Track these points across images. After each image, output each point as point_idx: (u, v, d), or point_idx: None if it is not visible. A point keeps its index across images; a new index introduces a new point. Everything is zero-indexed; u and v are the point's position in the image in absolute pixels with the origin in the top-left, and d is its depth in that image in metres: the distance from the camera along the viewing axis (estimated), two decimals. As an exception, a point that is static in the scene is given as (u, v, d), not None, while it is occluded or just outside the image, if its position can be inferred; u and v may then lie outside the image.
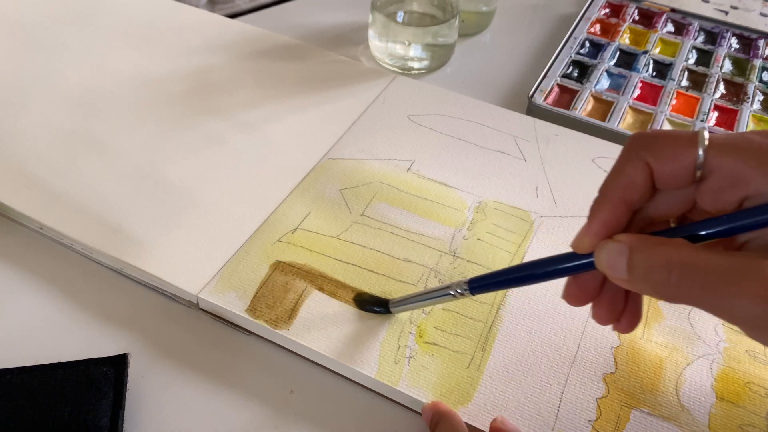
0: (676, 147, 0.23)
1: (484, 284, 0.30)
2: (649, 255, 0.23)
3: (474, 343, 0.34)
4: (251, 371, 0.34)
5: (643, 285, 0.23)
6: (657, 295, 0.23)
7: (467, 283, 0.30)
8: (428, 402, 0.31)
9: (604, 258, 0.24)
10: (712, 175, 0.23)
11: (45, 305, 0.36)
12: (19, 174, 0.41)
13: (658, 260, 0.22)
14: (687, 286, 0.22)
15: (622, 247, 0.23)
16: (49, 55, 0.51)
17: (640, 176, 0.24)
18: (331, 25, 0.60)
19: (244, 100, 0.48)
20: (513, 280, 0.29)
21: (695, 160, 0.23)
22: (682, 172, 0.24)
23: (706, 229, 0.23)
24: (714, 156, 0.23)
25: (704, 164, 0.23)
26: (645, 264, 0.23)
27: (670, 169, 0.24)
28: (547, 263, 0.27)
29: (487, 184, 0.43)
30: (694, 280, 0.21)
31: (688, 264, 0.22)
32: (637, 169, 0.24)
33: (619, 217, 0.25)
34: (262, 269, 0.36)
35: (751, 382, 0.33)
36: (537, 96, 0.51)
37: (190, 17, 0.56)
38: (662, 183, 0.24)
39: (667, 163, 0.24)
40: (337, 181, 0.42)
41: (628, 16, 0.62)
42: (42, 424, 0.29)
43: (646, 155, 0.24)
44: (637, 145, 0.25)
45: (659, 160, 0.24)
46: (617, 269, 0.23)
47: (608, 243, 0.24)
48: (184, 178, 0.42)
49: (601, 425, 0.31)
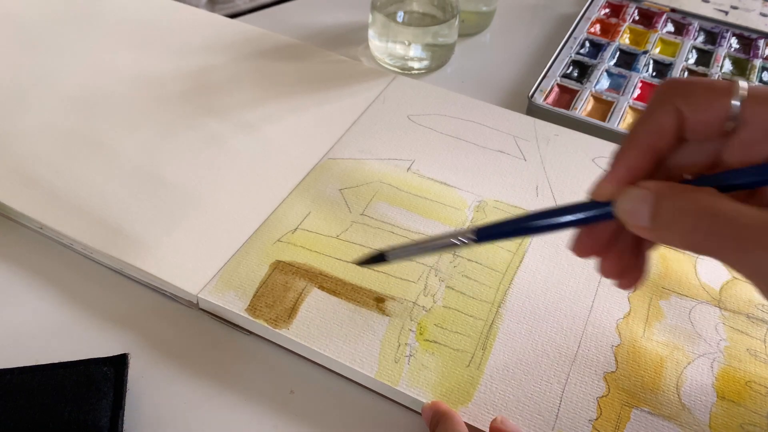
0: (711, 95, 0.23)
1: (494, 232, 0.27)
2: (679, 201, 0.22)
3: (474, 341, 0.34)
4: (251, 371, 0.34)
5: (667, 233, 0.22)
6: (683, 242, 0.22)
7: (474, 231, 0.27)
8: (428, 402, 0.31)
9: (627, 204, 0.23)
10: (745, 126, 0.22)
11: (45, 305, 0.36)
12: (19, 174, 0.41)
13: (687, 205, 0.21)
14: (716, 233, 0.21)
15: (647, 194, 0.23)
16: (49, 55, 0.51)
17: (670, 123, 0.23)
18: (331, 25, 0.60)
19: (244, 100, 0.48)
20: (524, 229, 0.27)
21: (729, 109, 0.22)
22: (716, 121, 0.23)
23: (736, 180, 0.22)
24: (751, 106, 0.22)
25: (738, 115, 0.22)
26: (673, 210, 0.22)
27: (703, 117, 0.23)
28: (563, 211, 0.26)
29: (487, 184, 0.43)
30: (724, 228, 0.20)
31: (719, 210, 0.21)
32: (668, 116, 0.23)
33: (645, 164, 0.24)
34: (262, 269, 0.36)
35: (752, 381, 0.33)
36: (537, 96, 0.51)
37: (190, 17, 0.56)
38: (693, 132, 0.23)
39: (700, 111, 0.23)
40: (337, 181, 0.42)
41: (628, 16, 0.62)
42: (42, 424, 0.29)
43: (678, 101, 0.23)
44: (669, 90, 0.24)
45: (693, 107, 0.23)
46: (639, 217, 0.23)
47: (633, 189, 0.23)
48: (184, 178, 0.42)
49: (601, 424, 0.31)
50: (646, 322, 0.36)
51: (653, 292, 0.37)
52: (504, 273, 0.37)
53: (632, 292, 0.37)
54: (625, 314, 0.36)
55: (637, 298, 0.37)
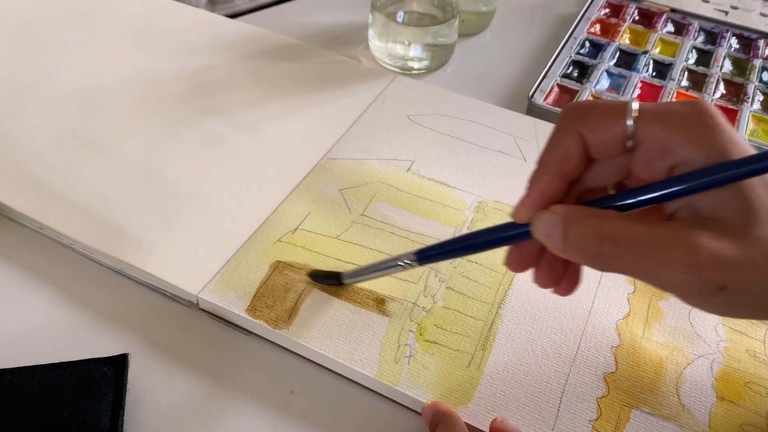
0: (606, 117, 0.24)
1: (431, 254, 0.31)
2: (581, 226, 0.23)
3: (474, 341, 0.34)
4: (251, 371, 0.34)
5: (577, 255, 0.24)
6: (591, 265, 0.24)
7: (415, 254, 0.31)
8: (428, 402, 0.31)
9: (541, 228, 0.25)
10: (642, 144, 0.24)
11: (45, 305, 0.36)
12: (19, 174, 0.41)
13: (590, 231, 0.23)
14: (618, 256, 0.23)
15: (556, 218, 0.24)
16: (49, 55, 0.51)
17: (574, 147, 0.25)
18: (331, 25, 0.60)
19: (244, 100, 0.48)
20: (458, 250, 0.30)
21: (624, 130, 0.24)
22: (614, 142, 0.24)
23: (634, 198, 0.24)
24: (643, 126, 0.23)
25: (634, 134, 0.24)
26: (578, 235, 0.23)
27: (601, 139, 0.24)
28: (489, 233, 0.28)
29: (487, 184, 0.43)
30: (625, 250, 0.22)
31: (618, 235, 0.22)
32: (571, 140, 0.25)
33: (555, 187, 0.25)
34: (262, 269, 0.36)
35: (752, 382, 0.33)
36: (537, 96, 0.51)
37: (190, 17, 0.56)
38: (596, 153, 0.25)
39: (598, 134, 0.24)
40: (337, 181, 0.42)
41: (628, 16, 0.62)
42: (42, 424, 0.29)
43: (578, 126, 0.24)
44: (570, 116, 0.25)
45: (591, 130, 0.24)
46: (553, 239, 0.24)
47: (544, 214, 0.25)
48: (184, 178, 0.42)
49: (601, 425, 0.31)
50: (645, 322, 0.36)
51: (653, 293, 0.37)
52: (504, 274, 0.37)
53: (632, 293, 0.37)
54: (624, 315, 0.36)
55: (637, 299, 0.37)
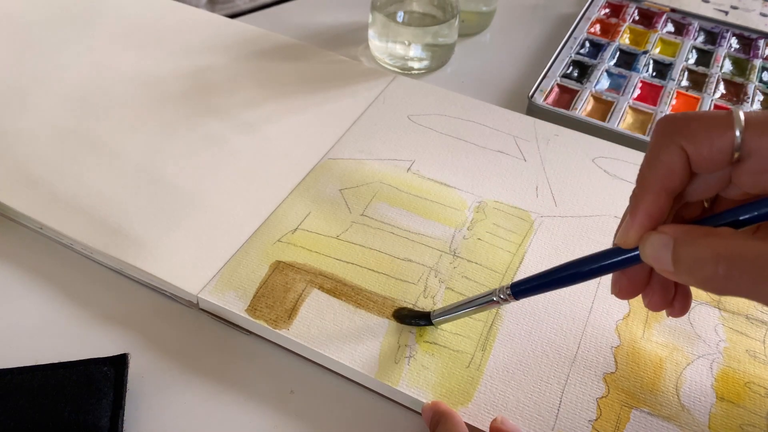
0: (711, 129, 0.23)
1: (528, 287, 0.29)
2: (694, 247, 0.22)
3: (474, 342, 0.34)
4: (251, 371, 0.34)
5: (689, 278, 0.22)
6: (706, 288, 0.22)
7: (509, 287, 0.29)
8: (428, 402, 0.31)
9: (650, 251, 0.23)
10: (751, 156, 0.22)
11: (45, 305, 0.36)
12: (19, 174, 0.41)
13: (704, 253, 0.21)
14: (736, 278, 0.21)
15: (666, 239, 0.23)
16: (49, 55, 0.51)
17: (677, 162, 0.23)
18: (331, 25, 0.60)
19: (244, 100, 0.48)
20: (558, 281, 0.28)
21: (732, 142, 0.22)
22: (720, 155, 0.23)
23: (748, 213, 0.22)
24: (752, 137, 0.22)
25: (742, 146, 0.22)
26: (691, 257, 0.22)
27: (707, 153, 0.23)
28: (593, 260, 0.26)
29: (487, 184, 0.43)
30: (744, 271, 0.21)
31: (736, 255, 0.21)
32: (673, 156, 0.23)
33: (661, 206, 0.24)
34: (262, 269, 0.36)
35: (752, 382, 0.33)
36: (537, 96, 0.51)
37: (190, 17, 0.56)
38: (699, 167, 0.24)
39: (703, 148, 0.23)
40: (337, 181, 0.42)
41: (628, 16, 0.62)
42: (42, 424, 0.29)
43: (680, 140, 0.23)
44: (669, 129, 0.24)
45: (695, 144, 0.23)
46: (663, 262, 0.23)
47: (653, 235, 0.23)
48: (184, 178, 0.42)
49: (601, 425, 0.31)
50: (645, 323, 0.36)
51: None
52: (504, 274, 0.37)
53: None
54: (624, 315, 0.36)
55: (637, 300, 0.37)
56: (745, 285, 0.21)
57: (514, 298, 0.30)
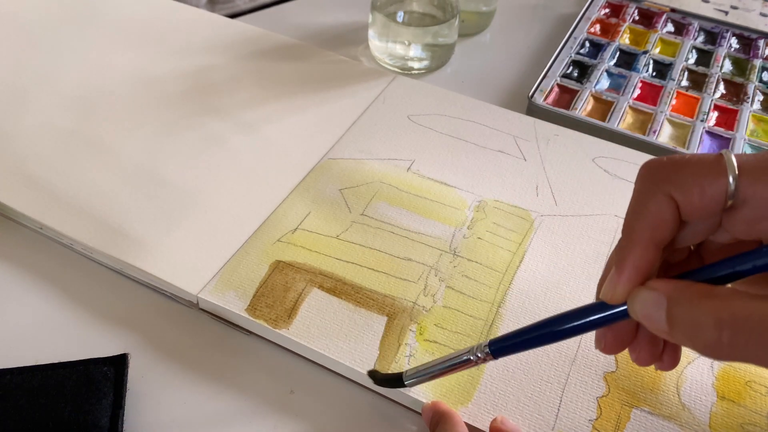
0: (701, 176, 0.21)
1: (506, 345, 0.27)
2: (693, 310, 0.20)
3: (474, 341, 0.34)
4: (251, 371, 0.34)
5: (688, 342, 0.20)
6: (707, 355, 0.20)
7: (487, 345, 0.27)
8: (428, 402, 0.31)
9: (640, 308, 0.22)
10: (746, 204, 0.21)
11: (45, 305, 0.36)
12: (19, 174, 0.41)
13: (704, 318, 0.19)
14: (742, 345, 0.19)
15: (658, 297, 0.21)
16: (49, 55, 0.51)
17: (666, 212, 0.22)
18: (331, 25, 0.60)
19: (244, 100, 0.48)
20: (539, 338, 0.26)
21: (725, 189, 0.21)
22: (712, 203, 0.21)
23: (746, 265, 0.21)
24: (747, 184, 0.21)
25: (736, 194, 0.21)
26: (689, 320, 0.20)
27: (698, 201, 0.21)
28: (577, 316, 0.24)
29: (487, 184, 0.43)
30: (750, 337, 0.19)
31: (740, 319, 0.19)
32: (662, 205, 0.22)
33: (650, 259, 0.22)
34: (262, 269, 0.36)
35: (752, 381, 0.33)
36: (537, 96, 0.51)
37: (190, 17, 0.56)
38: (690, 216, 0.22)
39: (694, 196, 0.21)
40: (337, 181, 0.42)
41: (628, 16, 0.62)
42: (42, 424, 0.29)
43: (668, 188, 0.22)
44: (656, 177, 0.22)
45: (684, 192, 0.21)
46: (656, 321, 0.21)
47: (642, 291, 0.22)
48: (184, 178, 0.42)
49: (601, 424, 0.31)
50: (646, 322, 0.36)
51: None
52: (504, 273, 0.37)
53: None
54: (625, 314, 0.36)
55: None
56: (752, 351, 0.19)
57: (492, 357, 0.27)
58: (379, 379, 0.31)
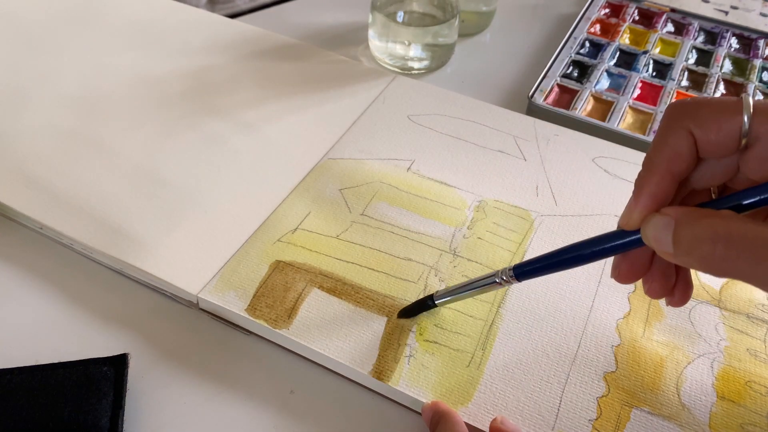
0: (719, 114, 0.23)
1: (531, 269, 0.29)
2: (693, 227, 0.22)
3: (474, 341, 0.34)
4: (251, 371, 0.34)
5: (688, 258, 0.22)
6: (703, 269, 0.22)
7: (512, 269, 0.29)
8: (428, 402, 0.31)
9: (651, 232, 0.24)
10: (758, 142, 0.23)
11: (45, 305, 0.36)
12: (19, 174, 0.41)
13: (703, 233, 0.22)
14: (733, 258, 0.21)
15: (668, 220, 0.23)
16: (49, 55, 0.51)
17: (684, 146, 0.24)
18: (331, 25, 0.60)
19: (244, 100, 0.48)
20: (560, 263, 0.28)
21: (740, 127, 0.23)
22: (728, 140, 0.23)
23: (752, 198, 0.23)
24: (760, 123, 0.22)
25: (750, 131, 0.22)
26: (690, 237, 0.22)
27: (714, 137, 0.23)
28: (596, 242, 0.26)
29: (487, 184, 0.43)
30: (741, 252, 0.21)
31: (734, 236, 0.21)
32: (681, 139, 0.24)
33: (666, 189, 0.24)
34: (262, 269, 0.36)
35: (752, 381, 0.33)
36: (537, 96, 0.51)
37: (190, 17, 0.56)
38: (707, 152, 0.24)
39: (711, 132, 0.23)
40: (337, 181, 0.42)
41: (628, 16, 0.62)
42: (42, 424, 0.29)
43: (688, 124, 0.23)
44: (678, 114, 0.24)
45: (703, 128, 0.23)
46: (663, 243, 0.23)
47: (655, 216, 0.24)
48: (184, 178, 0.42)
49: (601, 424, 0.31)
50: (646, 321, 0.36)
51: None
52: (504, 273, 0.37)
53: (632, 292, 0.37)
54: (625, 314, 0.36)
55: (637, 298, 0.37)
56: (742, 266, 0.21)
57: (517, 279, 0.30)
58: (408, 310, 0.34)
